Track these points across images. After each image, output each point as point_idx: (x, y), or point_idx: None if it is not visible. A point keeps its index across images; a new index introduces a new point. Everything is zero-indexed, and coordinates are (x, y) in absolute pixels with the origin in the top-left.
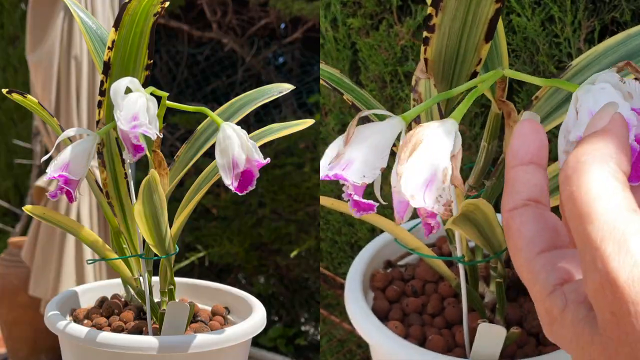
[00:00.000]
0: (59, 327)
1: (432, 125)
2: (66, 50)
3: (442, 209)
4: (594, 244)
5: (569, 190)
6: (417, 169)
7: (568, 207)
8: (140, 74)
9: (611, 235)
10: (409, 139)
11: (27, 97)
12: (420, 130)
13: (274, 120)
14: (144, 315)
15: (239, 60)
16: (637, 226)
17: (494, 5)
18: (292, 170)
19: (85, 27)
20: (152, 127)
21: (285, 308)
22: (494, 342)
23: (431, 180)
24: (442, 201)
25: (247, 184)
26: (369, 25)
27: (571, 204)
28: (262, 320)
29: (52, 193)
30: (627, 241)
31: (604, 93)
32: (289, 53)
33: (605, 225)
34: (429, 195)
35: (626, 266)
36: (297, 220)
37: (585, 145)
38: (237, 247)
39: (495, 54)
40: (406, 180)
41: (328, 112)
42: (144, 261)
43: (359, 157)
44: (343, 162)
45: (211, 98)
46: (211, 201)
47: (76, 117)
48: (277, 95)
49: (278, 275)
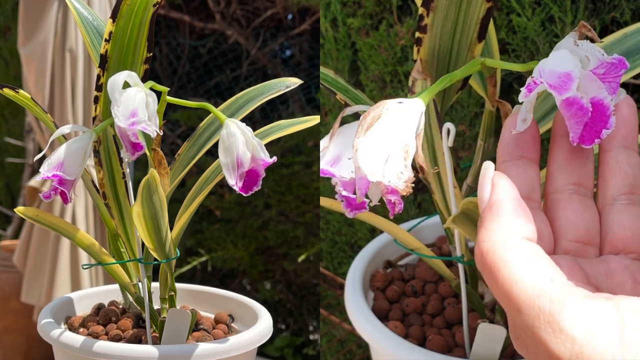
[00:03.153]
0: (52, 335)
1: (394, 101)
2: (61, 43)
3: (404, 185)
4: (529, 332)
5: (489, 283)
6: (377, 142)
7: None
8: (139, 68)
9: (541, 319)
10: (368, 112)
11: (19, 92)
12: (380, 105)
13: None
14: (143, 323)
15: (244, 53)
16: (560, 298)
17: (485, 5)
18: (300, 169)
19: (81, 18)
20: (151, 124)
21: (292, 315)
22: (494, 342)
23: (392, 155)
24: (403, 177)
25: (252, 184)
26: (369, 25)
27: (497, 296)
28: (268, 329)
29: (45, 194)
30: (557, 321)
31: (561, 56)
32: (297, 45)
33: (531, 312)
34: (389, 170)
35: (566, 347)
36: (305, 223)
37: (481, 231)
38: (241, 251)
39: (486, 50)
40: (364, 154)
41: (328, 112)
42: (143, 266)
43: (346, 152)
44: (330, 159)
45: (214, 93)
46: (214, 202)
47: (71, 113)
48: (284, 90)
49: (285, 281)
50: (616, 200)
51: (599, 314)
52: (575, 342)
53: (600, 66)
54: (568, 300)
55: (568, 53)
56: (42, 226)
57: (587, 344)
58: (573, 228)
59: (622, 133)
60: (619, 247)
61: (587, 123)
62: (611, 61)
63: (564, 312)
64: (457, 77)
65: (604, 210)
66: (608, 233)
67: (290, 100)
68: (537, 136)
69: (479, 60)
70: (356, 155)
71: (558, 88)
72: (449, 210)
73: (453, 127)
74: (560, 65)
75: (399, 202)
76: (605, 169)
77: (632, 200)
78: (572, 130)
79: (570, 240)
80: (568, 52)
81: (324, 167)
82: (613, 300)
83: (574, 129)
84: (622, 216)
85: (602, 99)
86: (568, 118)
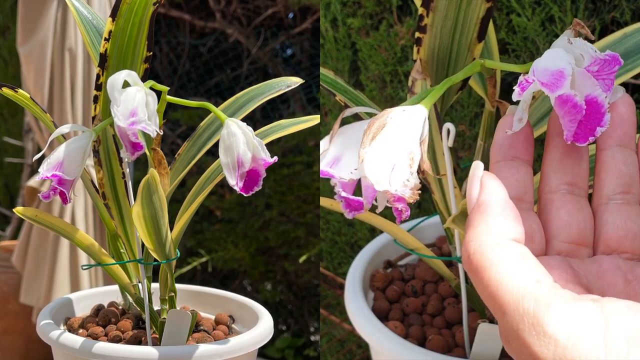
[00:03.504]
0: (52, 336)
1: (398, 109)
2: (60, 42)
3: (410, 193)
4: (514, 334)
5: (475, 284)
6: (382, 152)
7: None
8: (139, 67)
9: (525, 322)
10: (373, 122)
11: (18, 91)
12: (384, 114)
13: (282, 116)
14: (142, 324)
15: (244, 52)
16: (545, 299)
17: (485, 5)
18: (301, 169)
19: (80, 17)
20: (151, 124)
21: (293, 316)
22: (494, 342)
23: (397, 164)
24: (409, 185)
25: (253, 184)
26: (369, 25)
27: (483, 298)
28: (269, 330)
29: (44, 194)
30: (541, 324)
31: (554, 54)
32: (298, 44)
33: (516, 313)
34: (395, 179)
35: (549, 349)
36: (306, 223)
37: (469, 232)
38: (242, 251)
39: (486, 51)
40: (370, 163)
41: (328, 112)
42: (142, 267)
43: (346, 154)
44: (330, 160)
45: (214, 92)
46: (215, 202)
47: (70, 112)
48: (285, 89)
49: (286, 282)
50: (611, 200)
51: (584, 316)
52: (559, 344)
53: (594, 63)
54: (553, 302)
55: (562, 51)
56: (41, 226)
57: (570, 346)
58: (566, 228)
59: (619, 132)
60: (612, 247)
61: (581, 121)
62: (604, 58)
63: (549, 314)
64: (457, 79)
65: (599, 209)
66: (602, 233)
67: (291, 99)
68: (530, 137)
69: (479, 62)
70: (362, 165)
71: (550, 86)
72: (449, 210)
73: (453, 128)
74: (553, 63)
75: (406, 209)
76: (600, 167)
77: (626, 199)
78: (566, 129)
79: (563, 241)
80: (562, 50)
81: (324, 168)
82: (599, 303)
83: (568, 127)
84: (616, 216)
85: (596, 97)
86: (562, 116)
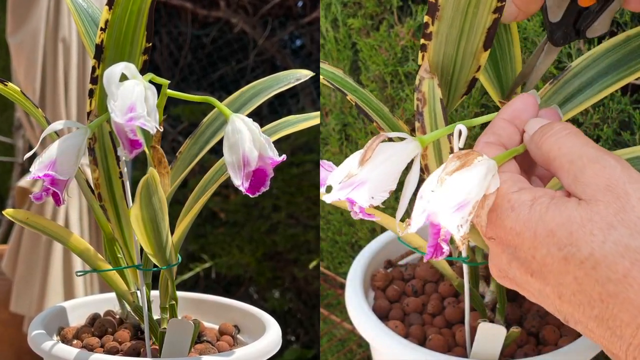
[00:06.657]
0: (44, 348)
1: (482, 156)
2: (53, 32)
3: (459, 237)
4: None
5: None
6: (456, 189)
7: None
8: (138, 59)
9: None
10: (458, 155)
11: (7, 85)
12: (472, 153)
13: (291, 112)
14: (141, 334)
15: (250, 43)
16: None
17: (491, 16)
18: (311, 168)
19: (75, 5)
20: (150, 120)
21: (303, 326)
22: (494, 341)
23: (463, 206)
24: (461, 231)
25: (259, 185)
26: (370, 26)
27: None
28: (276, 341)
29: (36, 195)
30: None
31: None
32: (307, 35)
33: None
34: (455, 219)
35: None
36: (316, 227)
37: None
38: (248, 256)
39: (508, 58)
40: (440, 195)
41: (328, 112)
42: (141, 273)
43: (372, 179)
44: (354, 183)
45: (218, 86)
46: (219, 204)
47: (64, 108)
48: (294, 83)
49: (295, 289)
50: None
51: None
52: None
53: None
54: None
55: None
56: (33, 230)
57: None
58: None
59: None
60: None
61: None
62: None
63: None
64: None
65: None
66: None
67: (300, 94)
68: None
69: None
70: (426, 191)
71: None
72: None
73: (465, 129)
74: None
75: (446, 253)
76: None
77: None
78: None
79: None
80: None
81: (348, 193)
82: None
83: None
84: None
85: None
86: None
